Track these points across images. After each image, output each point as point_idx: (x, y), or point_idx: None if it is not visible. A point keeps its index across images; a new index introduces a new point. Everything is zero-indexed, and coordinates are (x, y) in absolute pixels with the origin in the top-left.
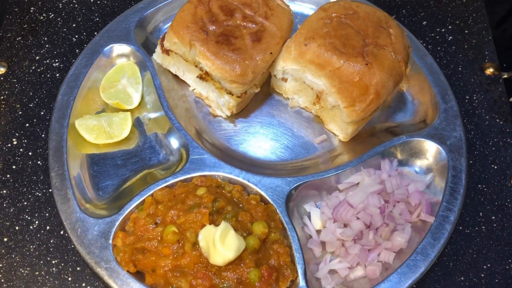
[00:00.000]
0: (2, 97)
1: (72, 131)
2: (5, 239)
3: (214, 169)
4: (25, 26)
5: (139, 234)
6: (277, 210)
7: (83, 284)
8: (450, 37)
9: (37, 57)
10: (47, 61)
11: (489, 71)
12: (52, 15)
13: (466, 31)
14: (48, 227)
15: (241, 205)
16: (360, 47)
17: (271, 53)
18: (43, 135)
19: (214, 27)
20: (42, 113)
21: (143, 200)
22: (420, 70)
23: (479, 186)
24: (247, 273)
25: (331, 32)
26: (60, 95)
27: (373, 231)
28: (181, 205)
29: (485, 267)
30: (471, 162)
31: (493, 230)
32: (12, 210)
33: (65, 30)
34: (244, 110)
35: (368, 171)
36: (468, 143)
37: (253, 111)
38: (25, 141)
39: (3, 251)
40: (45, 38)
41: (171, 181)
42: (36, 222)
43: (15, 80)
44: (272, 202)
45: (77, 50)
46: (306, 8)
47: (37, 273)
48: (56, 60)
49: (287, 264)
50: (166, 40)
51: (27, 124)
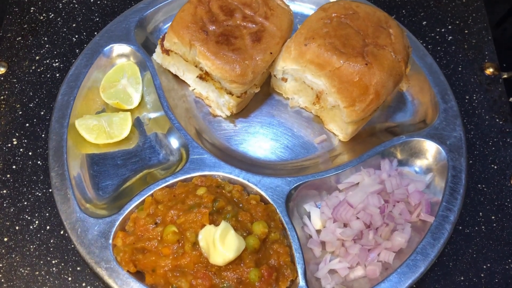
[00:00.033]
0: (2, 97)
1: (72, 131)
2: (5, 239)
3: (214, 169)
4: (25, 26)
5: (139, 234)
6: (277, 210)
7: (83, 284)
8: (450, 37)
9: (37, 57)
10: (47, 61)
11: (489, 71)
12: (52, 15)
13: (466, 31)
14: (48, 227)
15: (241, 205)
16: (360, 47)
17: (271, 53)
18: (43, 135)
19: (214, 27)
20: (42, 113)
21: (143, 200)
22: (420, 70)
23: (479, 186)
24: (247, 273)
25: (331, 32)
26: (60, 95)
27: (373, 231)
28: (181, 205)
29: (485, 267)
30: (471, 162)
31: (493, 230)
32: (12, 210)
33: (65, 30)
34: (244, 110)
35: (368, 171)
36: (468, 143)
37: (253, 111)
38: (25, 141)
39: (3, 251)
40: (45, 38)
41: (171, 181)
42: (36, 222)
43: (15, 80)
44: (272, 202)
45: (77, 50)
46: (306, 8)
47: (37, 273)
48: (56, 60)
49: (287, 264)
50: (166, 40)
51: (27, 124)
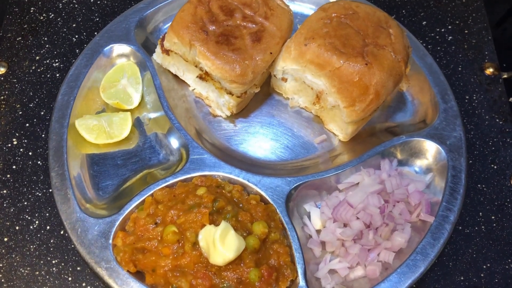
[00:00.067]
0: (2, 97)
1: (72, 131)
2: (5, 239)
3: (214, 169)
4: (25, 26)
5: (139, 234)
6: (277, 210)
7: (83, 284)
8: (450, 37)
9: (37, 57)
10: (47, 61)
11: (489, 71)
12: (52, 15)
13: (466, 31)
14: (48, 227)
15: (241, 205)
16: (360, 47)
17: (271, 53)
18: (43, 135)
19: (214, 27)
20: (42, 113)
21: (143, 200)
22: (420, 70)
23: (479, 186)
24: (247, 273)
25: (331, 32)
26: (60, 95)
27: (373, 231)
28: (181, 205)
29: (484, 266)
30: (470, 162)
31: (492, 230)
32: (12, 210)
33: (65, 30)
34: (244, 110)
35: (368, 171)
36: (468, 143)
37: (253, 111)
38: (25, 141)
39: (3, 251)
40: (45, 38)
41: (171, 181)
42: (36, 222)
43: (15, 80)
44: (272, 202)
45: (77, 50)
46: (306, 8)
47: (37, 273)
48: (56, 60)
49: (287, 264)
50: (166, 40)
51: (27, 124)
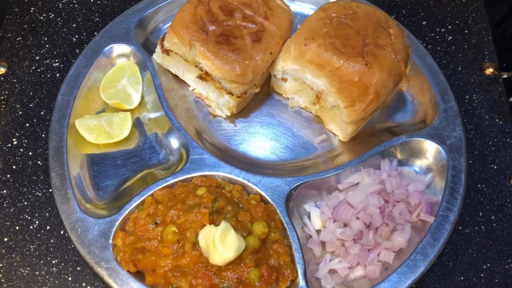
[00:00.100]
0: (2, 97)
1: (72, 131)
2: (5, 239)
3: (214, 169)
4: (25, 26)
5: (139, 234)
6: (277, 210)
7: (83, 284)
8: (450, 37)
9: (37, 57)
10: (47, 61)
11: (489, 71)
12: (52, 15)
13: (466, 31)
14: (48, 227)
15: (241, 205)
16: (360, 47)
17: (271, 53)
18: (43, 135)
19: (214, 27)
20: (42, 113)
21: (143, 200)
22: (420, 70)
23: (479, 186)
24: (247, 273)
25: (331, 32)
26: (60, 95)
27: (373, 231)
28: (181, 205)
29: (484, 267)
30: (470, 162)
31: (492, 230)
32: (12, 210)
33: (65, 30)
34: (244, 110)
35: (368, 171)
36: (467, 143)
37: (253, 111)
38: (25, 141)
39: (3, 251)
40: (45, 38)
41: (171, 181)
42: (36, 222)
43: (15, 80)
44: (272, 202)
45: (77, 50)
46: (306, 8)
47: (37, 273)
48: (56, 60)
49: (287, 264)
50: (166, 40)
51: (27, 124)
